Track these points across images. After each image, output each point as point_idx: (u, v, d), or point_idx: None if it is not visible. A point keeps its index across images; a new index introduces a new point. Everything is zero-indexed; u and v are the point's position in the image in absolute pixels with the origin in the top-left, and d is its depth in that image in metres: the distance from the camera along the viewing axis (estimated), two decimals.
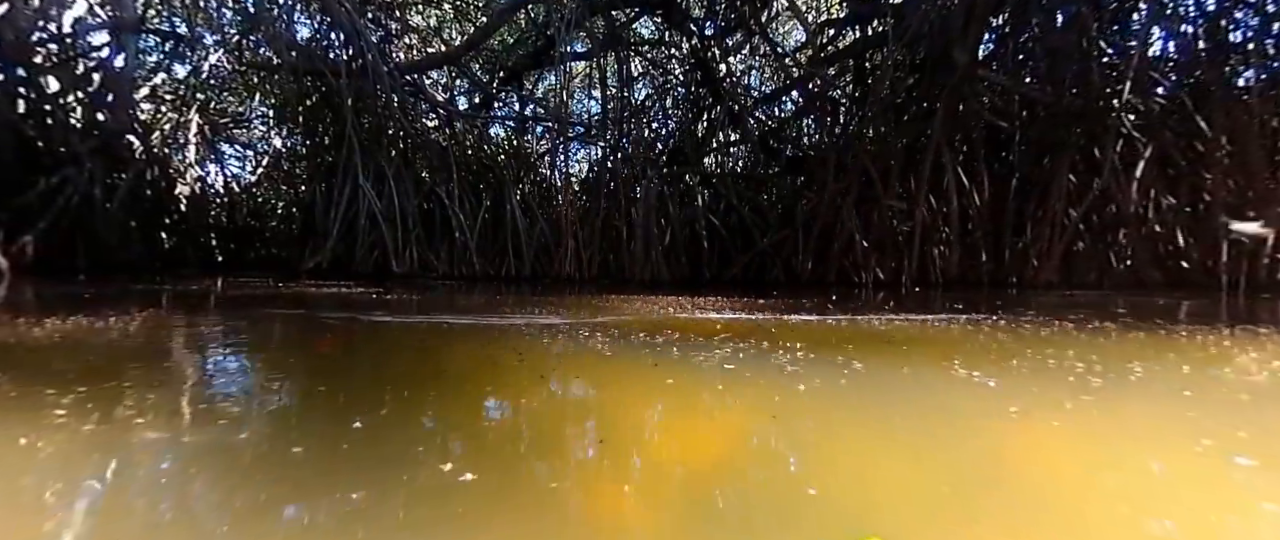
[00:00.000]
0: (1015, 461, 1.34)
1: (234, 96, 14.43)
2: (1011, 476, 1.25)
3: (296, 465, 1.22)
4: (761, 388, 1.91)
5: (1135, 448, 1.42)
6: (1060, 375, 2.10)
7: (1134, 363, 2.34)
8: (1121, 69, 8.63)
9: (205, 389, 1.89)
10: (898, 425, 1.60)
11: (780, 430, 1.52)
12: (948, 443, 1.45)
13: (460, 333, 3.21)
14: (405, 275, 9.22)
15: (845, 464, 1.30)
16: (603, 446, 1.39)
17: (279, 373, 2.19)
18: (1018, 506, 1.08)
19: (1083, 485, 1.20)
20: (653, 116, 12.58)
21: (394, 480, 1.12)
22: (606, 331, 3.09)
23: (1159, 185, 8.23)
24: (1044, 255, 8.39)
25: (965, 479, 1.22)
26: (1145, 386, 2.02)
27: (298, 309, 4.47)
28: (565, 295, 6.38)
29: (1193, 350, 2.69)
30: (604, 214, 9.67)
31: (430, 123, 11.24)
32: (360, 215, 9.50)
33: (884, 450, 1.40)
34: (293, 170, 13.94)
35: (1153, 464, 1.30)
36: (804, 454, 1.36)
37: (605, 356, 2.45)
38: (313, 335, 3.07)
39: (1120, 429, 1.59)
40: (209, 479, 1.15)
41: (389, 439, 1.39)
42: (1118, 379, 2.06)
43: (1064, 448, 1.42)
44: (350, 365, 2.30)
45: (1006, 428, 1.55)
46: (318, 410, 1.69)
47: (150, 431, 1.42)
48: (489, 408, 1.73)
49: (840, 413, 1.70)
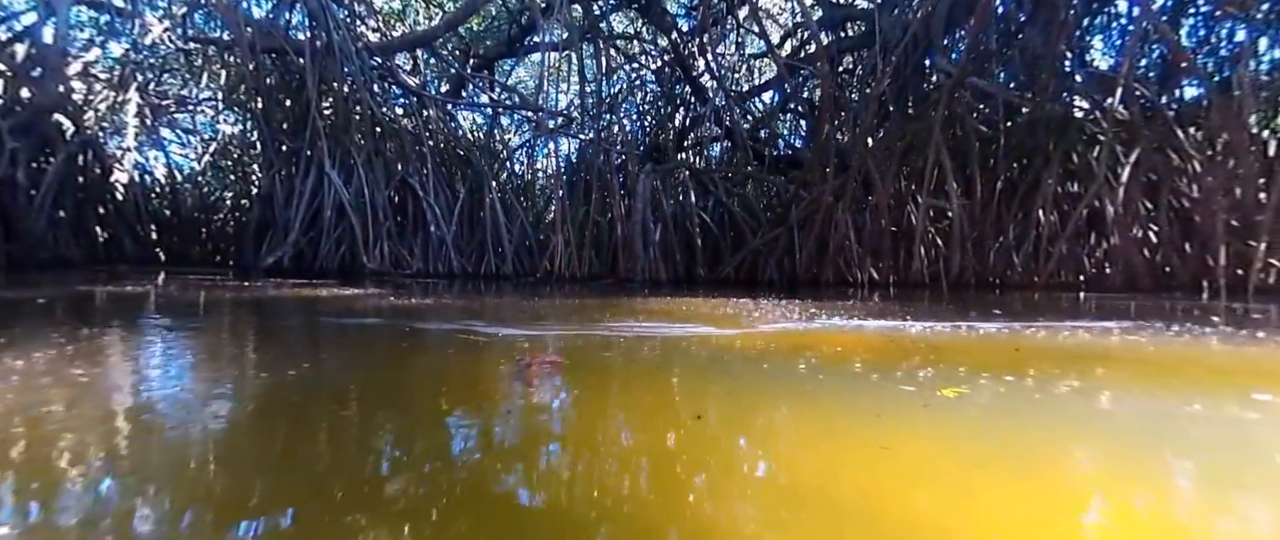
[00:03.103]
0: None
1: (177, 77, 13.26)
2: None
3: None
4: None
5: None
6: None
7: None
8: (1105, 77, 8.77)
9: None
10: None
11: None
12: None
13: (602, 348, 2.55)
14: (377, 273, 8.54)
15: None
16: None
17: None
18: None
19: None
20: (633, 110, 12.23)
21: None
22: (746, 350, 2.56)
23: (1144, 190, 8.38)
24: (1046, 256, 8.45)
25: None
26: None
27: (341, 316, 3.59)
28: (592, 297, 5.69)
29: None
30: (593, 209, 9.22)
31: (399, 109, 10.52)
32: (326, 207, 8.76)
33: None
34: (243, 158, 12.91)
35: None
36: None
37: (813, 396, 1.79)
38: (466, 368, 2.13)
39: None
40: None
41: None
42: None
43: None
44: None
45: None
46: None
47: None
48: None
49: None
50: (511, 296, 5.62)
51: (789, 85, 11.62)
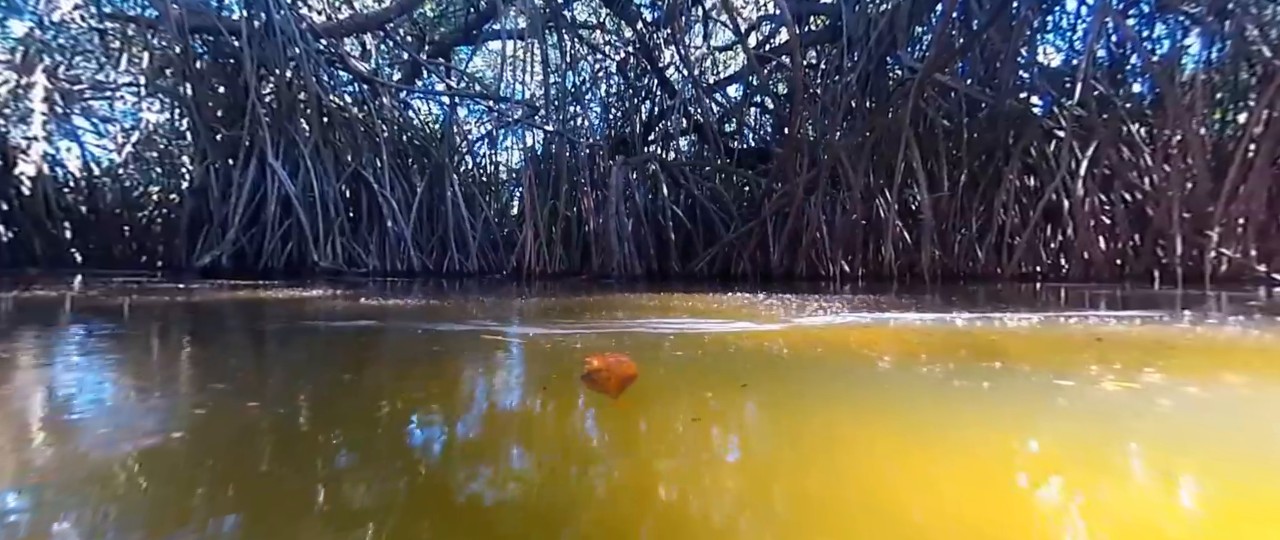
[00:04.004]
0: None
1: (91, 59, 12.01)
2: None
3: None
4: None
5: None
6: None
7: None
8: (1063, 74, 9.01)
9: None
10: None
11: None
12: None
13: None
14: (330, 272, 7.90)
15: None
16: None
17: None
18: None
19: None
20: (597, 102, 11.86)
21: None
22: (815, 347, 2.28)
23: (1101, 184, 8.66)
24: (1010, 249, 8.60)
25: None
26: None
27: (331, 320, 3.11)
28: (580, 294, 5.20)
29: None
30: (564, 202, 8.82)
31: (349, 97, 9.80)
32: (269, 201, 8.04)
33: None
34: (171, 148, 11.83)
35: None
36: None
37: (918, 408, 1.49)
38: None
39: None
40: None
41: None
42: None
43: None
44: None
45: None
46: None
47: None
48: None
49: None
50: (494, 294, 5.15)
51: (756, 78, 11.51)
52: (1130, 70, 9.62)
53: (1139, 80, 10.14)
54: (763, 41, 12.36)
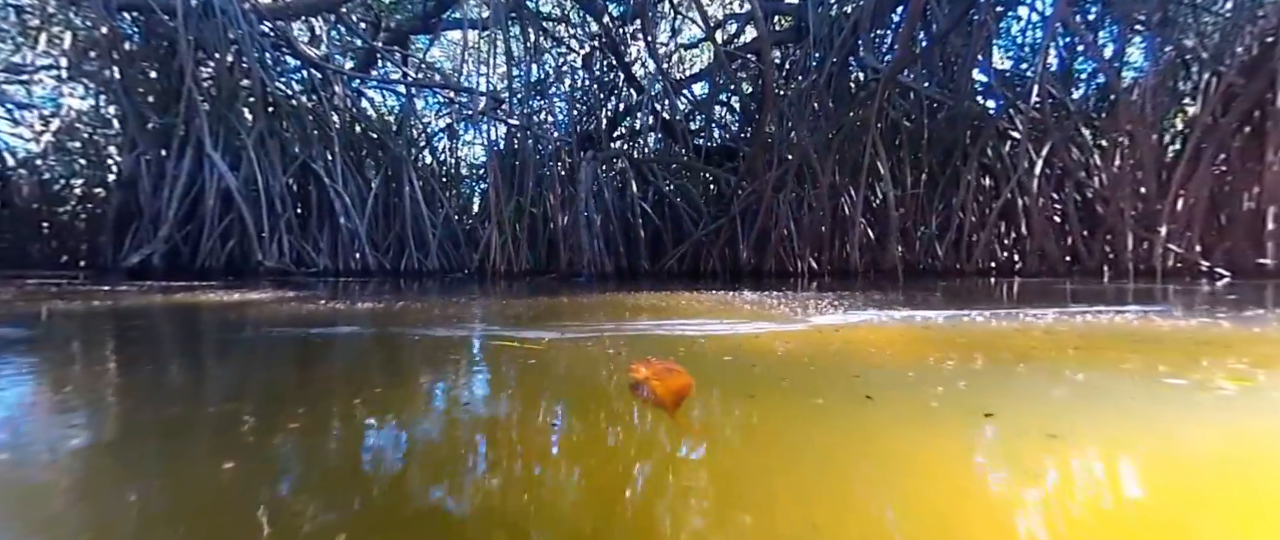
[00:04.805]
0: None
1: (5, 40, 10.97)
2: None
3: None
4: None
5: None
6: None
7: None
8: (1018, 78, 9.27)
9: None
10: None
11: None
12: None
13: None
14: (277, 272, 7.38)
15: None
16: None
17: None
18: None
19: None
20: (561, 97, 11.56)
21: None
22: (859, 349, 2.09)
23: (1055, 183, 8.93)
24: (970, 245, 8.77)
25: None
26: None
27: (293, 326, 2.73)
28: (563, 294, 4.88)
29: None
30: (529, 199, 8.50)
31: (298, 84, 9.21)
32: (207, 195, 7.45)
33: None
34: (97, 137, 10.91)
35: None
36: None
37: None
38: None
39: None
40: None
41: None
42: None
43: None
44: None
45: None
46: None
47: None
48: None
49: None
50: (462, 295, 4.82)
51: (723, 76, 11.43)
52: (1079, 75, 10.00)
53: (1088, 85, 10.57)
54: (728, 40, 12.30)
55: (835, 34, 9.59)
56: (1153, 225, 7.39)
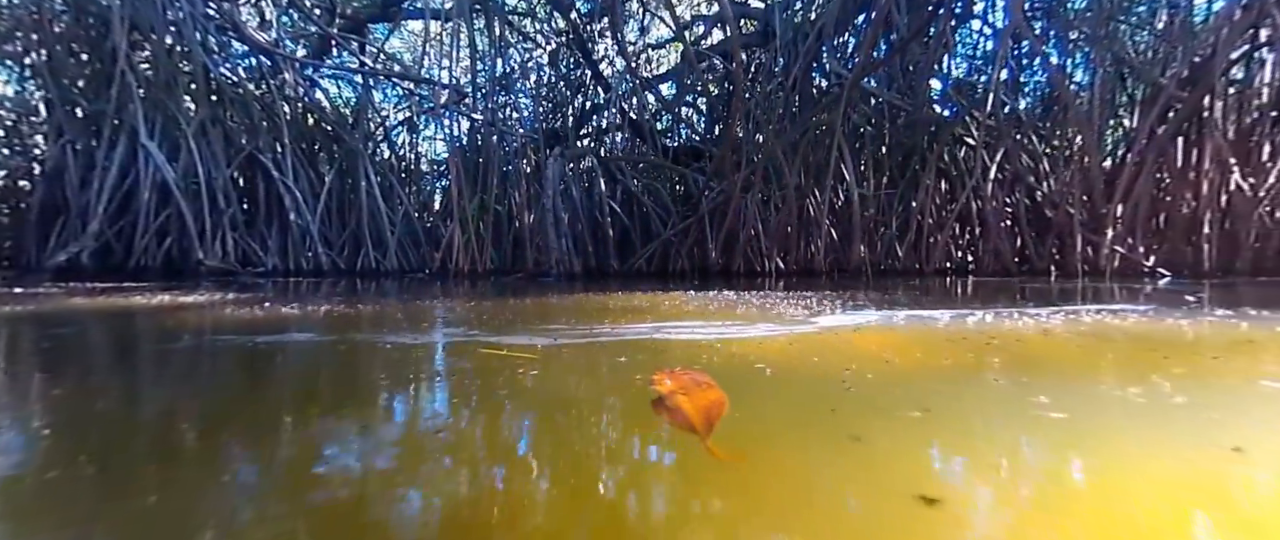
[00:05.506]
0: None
1: None
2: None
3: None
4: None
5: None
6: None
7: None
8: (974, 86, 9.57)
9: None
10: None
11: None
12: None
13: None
14: (219, 271, 6.93)
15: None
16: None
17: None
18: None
19: None
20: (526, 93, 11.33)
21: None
22: (890, 353, 1.98)
23: (1007, 188, 9.24)
24: (929, 246, 8.98)
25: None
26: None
27: (238, 334, 2.50)
28: (542, 295, 4.64)
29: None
30: (493, 196, 8.26)
31: (244, 71, 8.69)
32: (142, 188, 6.94)
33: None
34: (21, 125, 10.06)
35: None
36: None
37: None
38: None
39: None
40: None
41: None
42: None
43: None
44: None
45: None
46: None
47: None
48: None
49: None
50: (427, 296, 4.58)
51: (691, 76, 11.42)
52: (1025, 86, 10.43)
53: (1037, 94, 11.03)
54: (696, 41, 12.31)
55: (800, 40, 9.71)
56: (1099, 228, 7.72)
